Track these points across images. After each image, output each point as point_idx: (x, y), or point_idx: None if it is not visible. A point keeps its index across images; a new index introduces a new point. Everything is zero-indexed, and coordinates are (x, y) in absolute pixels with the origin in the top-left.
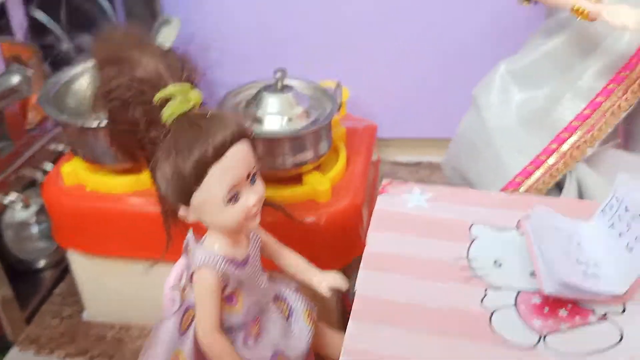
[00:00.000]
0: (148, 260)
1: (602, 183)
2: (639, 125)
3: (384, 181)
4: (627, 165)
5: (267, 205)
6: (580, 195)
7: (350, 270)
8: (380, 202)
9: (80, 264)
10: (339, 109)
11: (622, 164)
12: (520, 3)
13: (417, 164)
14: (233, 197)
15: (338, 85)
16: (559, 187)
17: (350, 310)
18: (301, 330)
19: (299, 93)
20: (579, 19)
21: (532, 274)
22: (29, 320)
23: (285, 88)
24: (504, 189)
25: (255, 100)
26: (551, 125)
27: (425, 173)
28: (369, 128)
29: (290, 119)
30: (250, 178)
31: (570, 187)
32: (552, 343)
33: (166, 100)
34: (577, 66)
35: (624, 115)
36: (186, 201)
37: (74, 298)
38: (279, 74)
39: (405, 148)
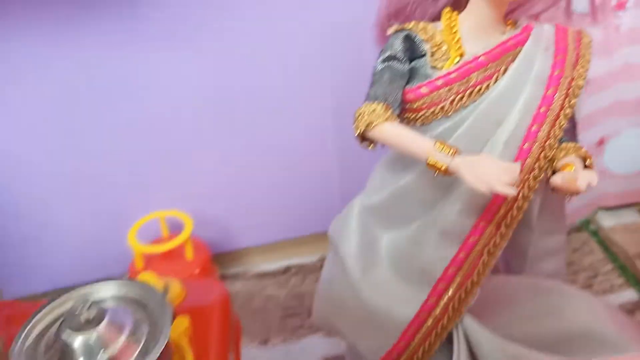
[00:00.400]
0: None
1: (492, 338)
2: (517, 247)
3: None
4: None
5: None
6: (472, 355)
7: None
8: None
9: None
10: (173, 318)
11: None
12: (365, 147)
13: (287, 270)
14: None
15: (166, 289)
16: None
17: None
18: None
19: (116, 315)
20: (435, 174)
21: None
22: None
23: (94, 318)
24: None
25: (57, 342)
26: (423, 273)
27: (296, 281)
28: (222, 297)
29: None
30: None
31: (460, 347)
32: None
33: None
34: (440, 202)
35: (500, 252)
36: None
37: None
38: (81, 306)
39: (271, 254)
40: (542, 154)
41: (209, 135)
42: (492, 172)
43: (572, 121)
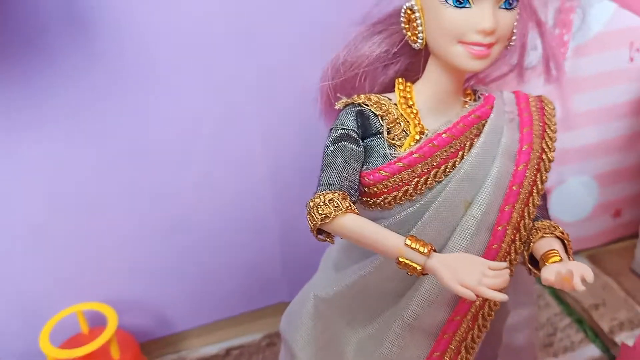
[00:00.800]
0: None
1: None
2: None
3: None
4: None
5: None
6: None
7: None
8: None
9: None
10: None
11: None
12: (322, 241)
13: (228, 353)
14: None
15: None
16: None
17: None
18: None
19: None
20: (408, 273)
21: None
22: None
23: None
24: None
25: None
26: None
27: None
28: None
29: None
30: None
31: None
32: None
33: None
34: (408, 294)
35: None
36: None
37: None
38: None
39: (209, 336)
40: (518, 236)
41: (125, 211)
42: (476, 275)
43: (544, 197)
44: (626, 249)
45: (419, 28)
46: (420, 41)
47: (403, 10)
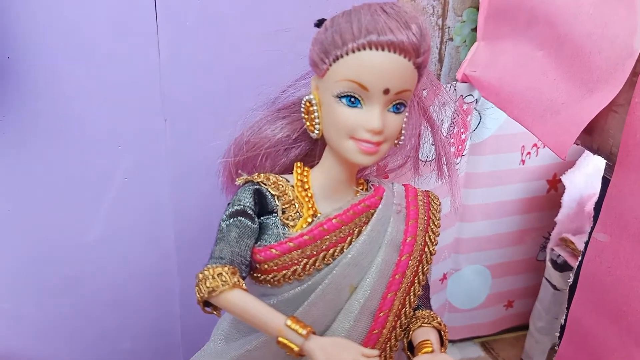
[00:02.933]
0: None
1: None
2: None
3: None
4: None
5: None
6: None
7: None
8: None
9: None
10: None
11: None
12: (208, 313)
13: None
14: None
15: None
16: None
17: None
18: None
19: None
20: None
21: None
22: None
23: None
24: None
25: None
26: None
27: None
28: None
29: None
30: None
31: None
32: None
33: None
34: None
35: None
36: None
37: None
38: None
39: None
40: (399, 323)
41: (18, 262)
42: (349, 359)
43: (426, 287)
44: (517, 339)
45: (316, 120)
46: (317, 132)
47: (303, 102)
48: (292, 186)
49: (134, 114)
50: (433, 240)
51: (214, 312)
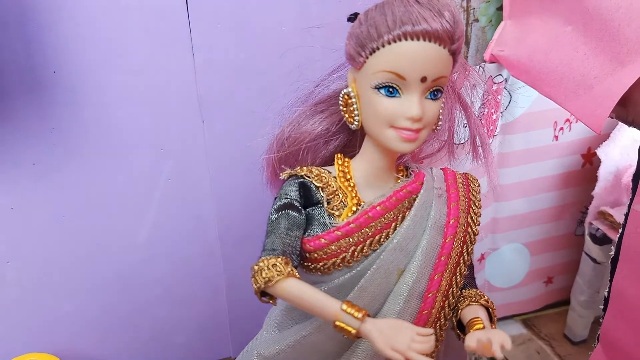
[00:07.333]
0: None
1: None
2: None
3: None
4: None
5: None
6: None
7: None
8: None
9: None
10: None
11: None
12: (265, 303)
13: None
14: None
15: None
16: None
17: None
18: None
19: None
20: (344, 336)
21: None
22: None
23: None
24: None
25: None
26: None
27: None
28: None
29: None
30: None
31: None
32: None
33: None
34: (345, 356)
35: None
36: None
37: None
38: None
39: None
40: (447, 303)
41: (78, 264)
42: (406, 340)
43: (471, 267)
44: (559, 315)
45: (355, 112)
46: (356, 123)
47: (341, 95)
48: (335, 177)
49: (173, 118)
50: (475, 221)
51: (270, 301)
